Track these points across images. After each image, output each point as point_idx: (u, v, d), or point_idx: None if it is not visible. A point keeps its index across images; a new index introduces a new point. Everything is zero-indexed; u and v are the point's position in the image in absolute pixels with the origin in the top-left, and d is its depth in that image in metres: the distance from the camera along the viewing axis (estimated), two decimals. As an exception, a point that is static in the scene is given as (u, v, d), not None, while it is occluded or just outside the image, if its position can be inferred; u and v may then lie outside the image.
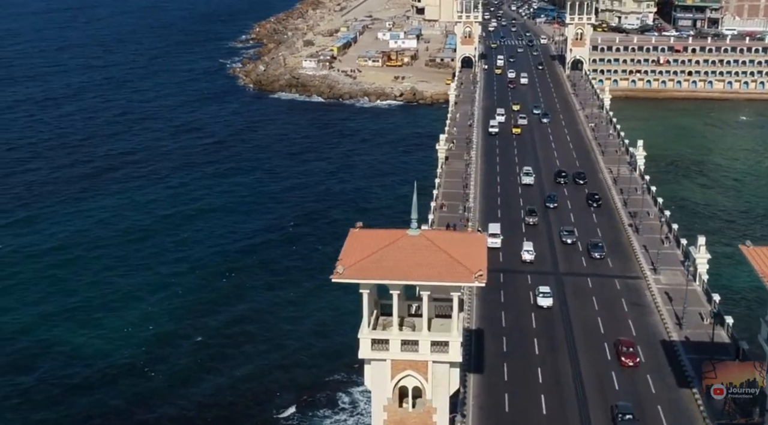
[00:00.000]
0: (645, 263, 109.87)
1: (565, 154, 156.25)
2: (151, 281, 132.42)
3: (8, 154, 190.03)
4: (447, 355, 61.25)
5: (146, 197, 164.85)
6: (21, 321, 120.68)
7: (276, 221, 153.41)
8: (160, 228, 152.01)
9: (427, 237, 61.82)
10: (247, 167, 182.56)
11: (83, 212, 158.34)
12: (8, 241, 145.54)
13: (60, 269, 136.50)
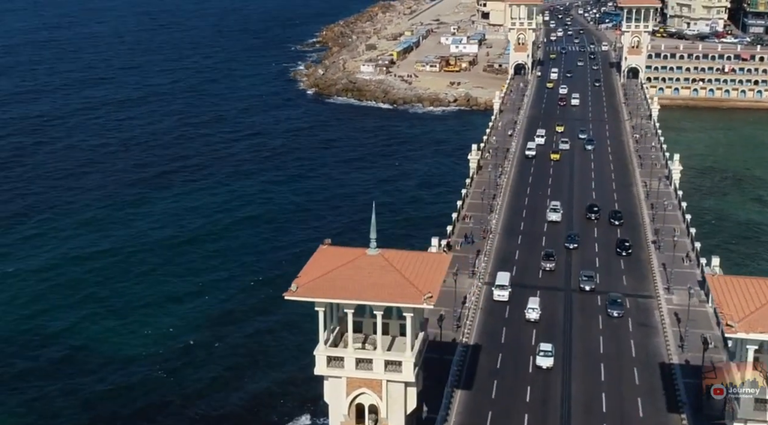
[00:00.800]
0: (660, 282, 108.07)
1: (604, 187, 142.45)
2: (192, 287, 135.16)
3: (72, 154, 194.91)
4: (400, 375, 61.73)
5: (197, 203, 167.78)
6: (57, 323, 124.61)
7: (320, 231, 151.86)
8: (207, 234, 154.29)
9: (384, 257, 62.49)
10: (294, 174, 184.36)
11: (136, 216, 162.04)
12: (60, 242, 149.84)
13: (104, 272, 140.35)
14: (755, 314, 57.07)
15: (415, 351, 62.26)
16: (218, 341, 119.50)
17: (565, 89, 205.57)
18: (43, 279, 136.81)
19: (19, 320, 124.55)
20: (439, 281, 61.30)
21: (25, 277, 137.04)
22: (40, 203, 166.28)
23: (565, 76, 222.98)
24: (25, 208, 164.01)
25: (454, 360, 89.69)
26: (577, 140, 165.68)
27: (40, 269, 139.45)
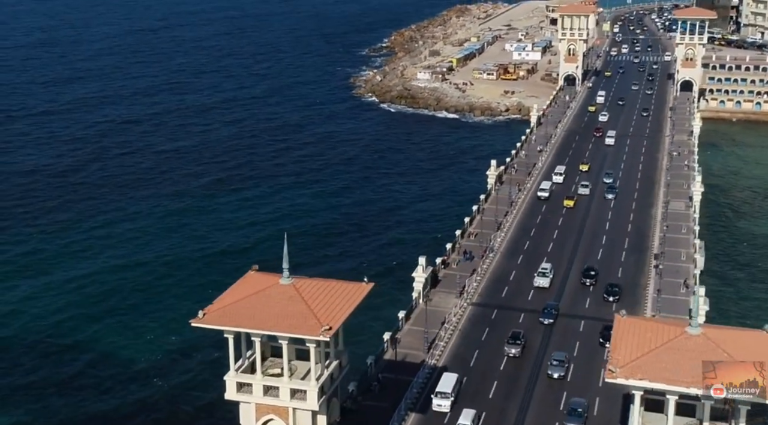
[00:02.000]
0: (651, 310, 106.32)
1: (614, 245, 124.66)
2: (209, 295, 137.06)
3: (132, 161, 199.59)
4: (305, 403, 62.96)
5: (240, 213, 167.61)
6: (82, 332, 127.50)
7: (357, 246, 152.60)
8: (252, 245, 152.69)
9: (296, 287, 63.80)
10: (335, 185, 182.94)
11: (178, 224, 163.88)
12: (105, 249, 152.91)
13: (131, 271, 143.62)
14: (640, 359, 56.24)
15: (323, 380, 63.23)
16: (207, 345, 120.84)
17: (605, 117, 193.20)
18: (80, 286, 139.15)
19: (47, 327, 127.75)
20: (345, 314, 62.15)
21: (59, 285, 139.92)
22: (93, 209, 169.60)
23: (615, 103, 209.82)
24: (79, 213, 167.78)
25: (416, 382, 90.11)
26: (602, 182, 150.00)
27: (80, 277, 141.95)
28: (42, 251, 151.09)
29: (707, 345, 56.83)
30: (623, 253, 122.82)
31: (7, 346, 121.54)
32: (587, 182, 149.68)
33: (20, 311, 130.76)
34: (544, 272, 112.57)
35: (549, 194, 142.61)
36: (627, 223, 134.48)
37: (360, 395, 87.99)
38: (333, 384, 65.23)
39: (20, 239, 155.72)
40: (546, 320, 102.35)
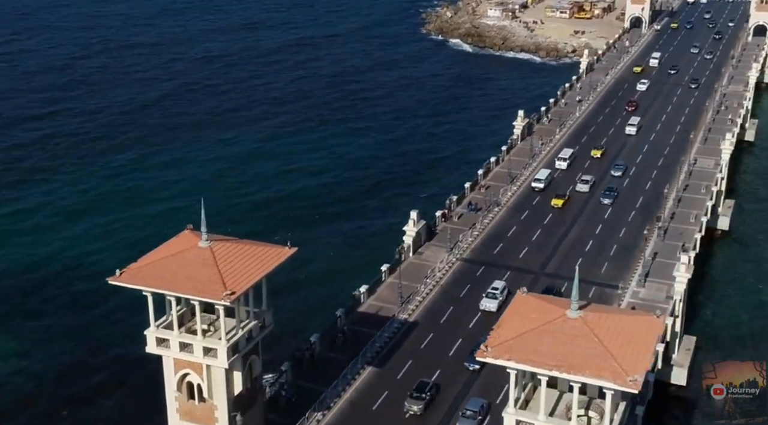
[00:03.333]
0: (640, 273, 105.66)
1: (594, 261, 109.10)
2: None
3: (195, 97, 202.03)
4: (216, 360, 66.64)
5: (259, 149, 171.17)
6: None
7: (394, 197, 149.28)
8: (282, 191, 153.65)
9: (212, 250, 66.96)
10: (380, 131, 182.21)
11: (222, 166, 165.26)
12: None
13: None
14: (513, 340, 57.42)
15: (235, 339, 66.60)
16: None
17: (644, 86, 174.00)
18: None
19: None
20: (255, 278, 65.08)
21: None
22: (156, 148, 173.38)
23: (666, 69, 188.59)
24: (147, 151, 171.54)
25: (380, 336, 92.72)
26: (610, 176, 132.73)
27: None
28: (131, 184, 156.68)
29: (582, 329, 57.48)
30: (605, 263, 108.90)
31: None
32: (589, 177, 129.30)
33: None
34: (493, 294, 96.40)
35: (545, 185, 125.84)
36: (619, 230, 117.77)
37: (321, 346, 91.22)
38: (250, 343, 68.28)
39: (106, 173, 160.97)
40: (472, 365, 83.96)
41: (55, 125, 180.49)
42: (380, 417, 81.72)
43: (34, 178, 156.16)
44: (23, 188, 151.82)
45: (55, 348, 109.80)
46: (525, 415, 59.53)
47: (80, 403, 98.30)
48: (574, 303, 59.19)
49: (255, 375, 71.47)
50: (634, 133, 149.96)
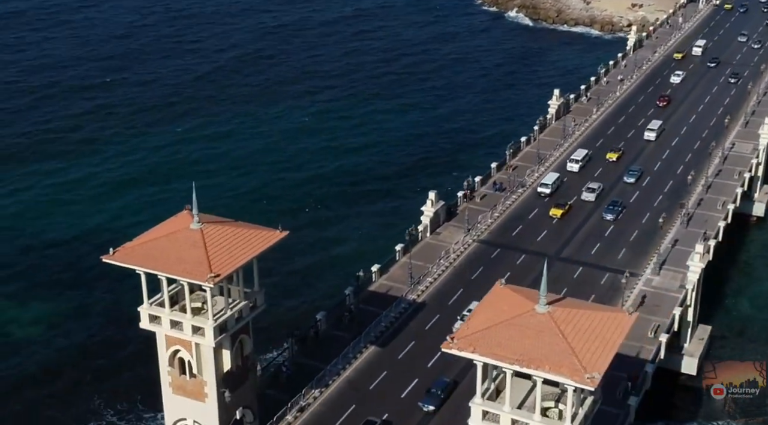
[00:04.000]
0: (655, 261, 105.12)
1: (616, 245, 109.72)
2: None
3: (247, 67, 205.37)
4: (204, 339, 69.19)
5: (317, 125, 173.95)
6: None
7: (428, 177, 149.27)
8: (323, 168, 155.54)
9: (203, 232, 69.33)
10: (422, 103, 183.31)
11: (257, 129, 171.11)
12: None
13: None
14: (480, 332, 58.44)
15: (223, 319, 68.97)
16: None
17: (679, 78, 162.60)
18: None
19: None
20: (243, 261, 67.32)
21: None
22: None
23: (708, 58, 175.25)
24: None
25: (385, 316, 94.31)
26: (622, 182, 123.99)
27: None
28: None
29: (547, 324, 58.19)
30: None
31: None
32: (596, 184, 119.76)
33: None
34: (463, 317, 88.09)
35: (553, 191, 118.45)
36: (641, 218, 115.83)
37: (327, 325, 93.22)
38: (239, 323, 70.53)
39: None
40: (426, 406, 79.78)
41: (108, 96, 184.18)
42: (377, 397, 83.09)
43: (83, 149, 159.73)
44: (73, 158, 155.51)
45: (88, 319, 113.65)
46: (491, 406, 60.58)
47: (105, 375, 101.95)
48: (542, 298, 59.83)
49: (246, 353, 73.61)
50: (653, 139, 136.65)
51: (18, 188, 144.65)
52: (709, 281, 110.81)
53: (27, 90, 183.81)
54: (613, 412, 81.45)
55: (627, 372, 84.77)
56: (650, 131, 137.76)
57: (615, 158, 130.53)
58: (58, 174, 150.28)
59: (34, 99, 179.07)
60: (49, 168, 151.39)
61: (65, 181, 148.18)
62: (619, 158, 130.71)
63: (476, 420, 61.09)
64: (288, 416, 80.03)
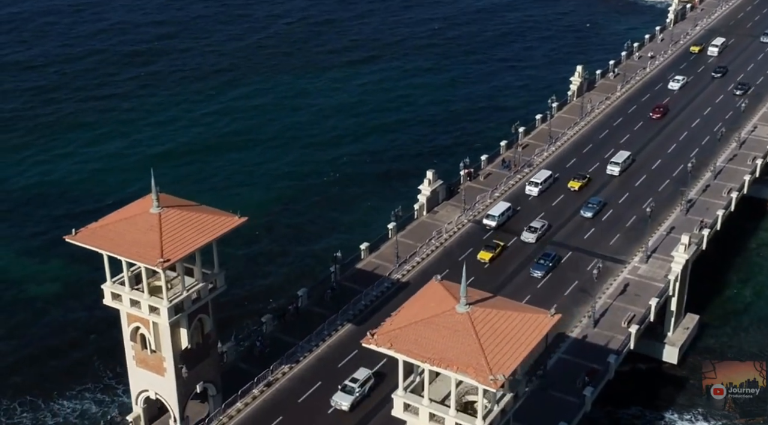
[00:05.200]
0: (648, 248, 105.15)
1: (612, 230, 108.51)
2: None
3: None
4: (159, 318, 72.90)
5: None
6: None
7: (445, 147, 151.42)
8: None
9: (160, 217, 72.64)
10: (450, 71, 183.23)
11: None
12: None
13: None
14: (401, 329, 60.52)
15: (179, 299, 72.44)
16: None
17: (678, 84, 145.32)
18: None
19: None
20: (196, 246, 70.38)
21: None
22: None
23: (721, 61, 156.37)
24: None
25: (366, 294, 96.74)
26: (579, 217, 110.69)
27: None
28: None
29: (464, 324, 59.87)
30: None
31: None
32: (540, 223, 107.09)
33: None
34: (347, 392, 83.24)
35: (501, 223, 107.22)
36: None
37: (309, 301, 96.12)
38: (197, 304, 73.95)
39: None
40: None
41: (157, 63, 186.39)
42: (344, 375, 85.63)
43: (125, 117, 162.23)
44: (115, 126, 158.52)
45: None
46: (412, 399, 62.83)
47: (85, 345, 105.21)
48: (463, 299, 61.49)
49: (206, 331, 76.94)
50: (617, 174, 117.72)
51: (60, 153, 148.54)
52: (712, 268, 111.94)
53: (79, 55, 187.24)
54: (571, 401, 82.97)
55: (589, 365, 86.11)
56: (614, 165, 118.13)
57: (577, 187, 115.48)
58: (100, 141, 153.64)
59: (91, 63, 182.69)
60: (92, 136, 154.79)
61: (106, 149, 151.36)
62: (582, 188, 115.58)
63: (398, 412, 63.38)
64: (254, 390, 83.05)
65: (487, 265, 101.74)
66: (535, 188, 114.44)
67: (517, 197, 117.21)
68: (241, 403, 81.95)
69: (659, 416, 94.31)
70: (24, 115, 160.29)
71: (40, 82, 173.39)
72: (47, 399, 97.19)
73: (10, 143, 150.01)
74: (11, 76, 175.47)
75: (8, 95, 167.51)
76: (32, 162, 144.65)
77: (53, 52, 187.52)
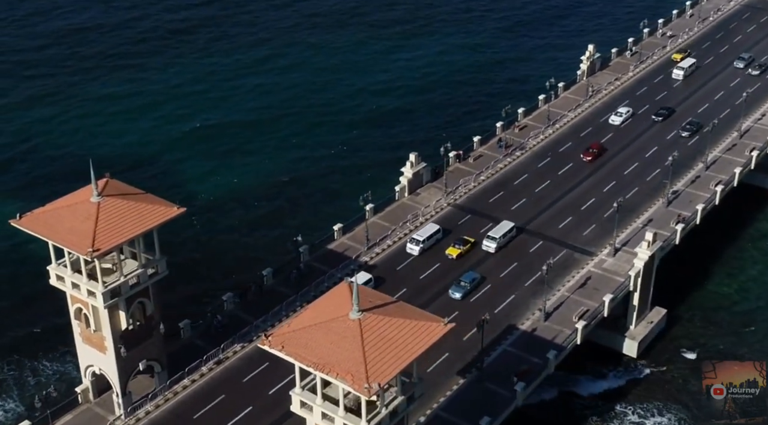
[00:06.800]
0: (617, 241, 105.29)
1: (590, 220, 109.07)
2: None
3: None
4: (96, 301, 77.02)
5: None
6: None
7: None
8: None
9: (99, 206, 76.18)
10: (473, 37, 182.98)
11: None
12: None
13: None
14: (295, 332, 63.16)
15: (115, 284, 76.33)
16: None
17: (620, 118, 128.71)
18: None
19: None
20: (129, 235, 73.87)
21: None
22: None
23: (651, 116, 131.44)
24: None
25: (329, 276, 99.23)
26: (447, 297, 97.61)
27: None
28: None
29: (353, 331, 62.08)
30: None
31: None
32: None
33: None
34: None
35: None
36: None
37: (274, 280, 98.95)
38: (136, 288, 77.76)
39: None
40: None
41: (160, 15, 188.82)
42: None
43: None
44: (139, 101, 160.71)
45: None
46: (306, 396, 65.76)
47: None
48: (355, 306, 63.72)
49: (148, 313, 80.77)
50: (493, 251, 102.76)
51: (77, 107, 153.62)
52: (698, 259, 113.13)
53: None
54: (505, 395, 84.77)
55: (531, 359, 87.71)
56: (490, 240, 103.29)
57: (455, 255, 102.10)
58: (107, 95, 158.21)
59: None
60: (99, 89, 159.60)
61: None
62: (461, 256, 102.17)
63: (296, 408, 66.41)
64: (203, 368, 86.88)
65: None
66: (416, 245, 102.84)
67: (503, 182, 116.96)
68: (188, 380, 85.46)
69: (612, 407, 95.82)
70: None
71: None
72: (32, 359, 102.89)
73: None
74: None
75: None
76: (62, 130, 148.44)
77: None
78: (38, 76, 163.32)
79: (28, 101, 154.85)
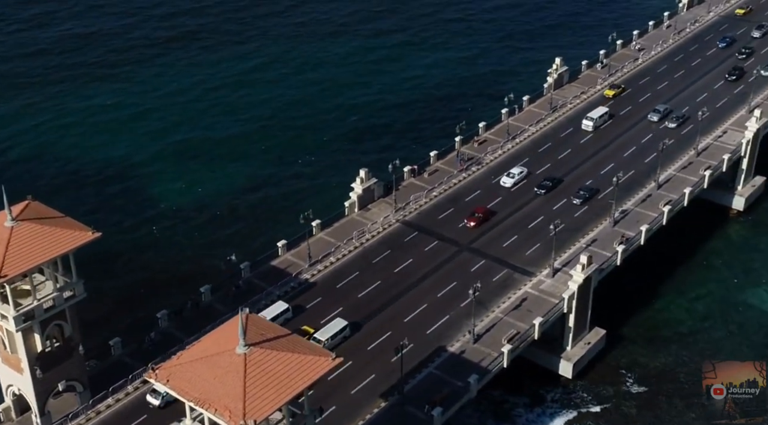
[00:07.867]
0: (558, 262, 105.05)
1: (533, 240, 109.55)
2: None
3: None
4: (8, 324, 78.00)
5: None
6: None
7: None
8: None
9: (12, 231, 77.00)
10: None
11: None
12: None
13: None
14: (182, 365, 63.87)
15: (28, 308, 77.28)
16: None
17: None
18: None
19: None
20: (36, 262, 74.72)
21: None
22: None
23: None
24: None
25: (268, 293, 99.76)
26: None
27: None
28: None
29: (237, 366, 62.62)
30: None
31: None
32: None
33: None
34: None
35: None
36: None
37: (212, 297, 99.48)
38: (51, 311, 78.68)
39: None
40: None
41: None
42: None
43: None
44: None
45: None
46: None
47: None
48: (241, 341, 64.22)
49: (67, 335, 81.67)
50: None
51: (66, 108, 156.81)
52: (648, 277, 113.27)
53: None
54: (424, 419, 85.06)
55: (454, 382, 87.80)
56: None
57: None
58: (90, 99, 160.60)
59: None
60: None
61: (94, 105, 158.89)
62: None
63: (188, 431, 67.21)
64: (129, 387, 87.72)
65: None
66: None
67: (455, 198, 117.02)
68: (112, 399, 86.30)
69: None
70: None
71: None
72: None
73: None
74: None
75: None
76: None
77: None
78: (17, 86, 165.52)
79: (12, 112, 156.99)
